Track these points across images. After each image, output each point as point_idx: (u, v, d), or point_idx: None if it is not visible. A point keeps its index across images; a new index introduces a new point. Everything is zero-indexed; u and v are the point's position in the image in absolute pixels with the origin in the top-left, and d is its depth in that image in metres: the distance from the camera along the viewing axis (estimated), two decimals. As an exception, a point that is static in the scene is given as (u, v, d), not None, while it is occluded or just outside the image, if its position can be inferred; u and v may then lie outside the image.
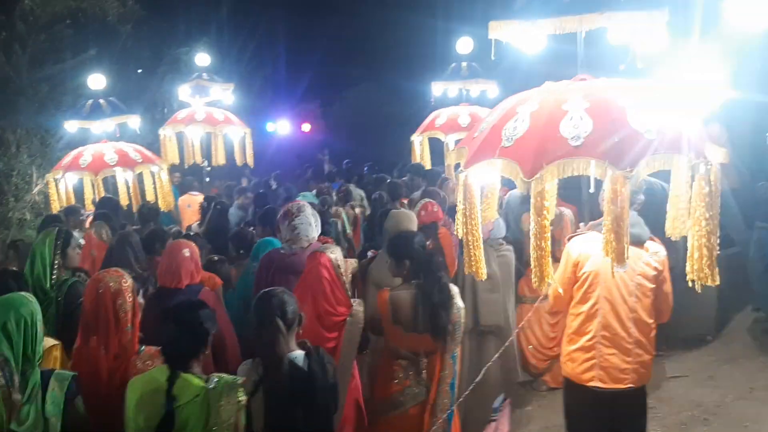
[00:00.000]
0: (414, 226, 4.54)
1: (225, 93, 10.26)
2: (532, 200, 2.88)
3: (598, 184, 3.37)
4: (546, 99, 3.13)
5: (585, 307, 3.57)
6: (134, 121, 8.00)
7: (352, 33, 19.72)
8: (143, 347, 3.15)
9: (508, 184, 5.21)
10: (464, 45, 8.10)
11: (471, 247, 3.26)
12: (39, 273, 3.98)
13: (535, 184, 2.82)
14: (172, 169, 9.57)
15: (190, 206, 8.82)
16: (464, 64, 8.34)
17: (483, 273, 3.30)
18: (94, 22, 11.10)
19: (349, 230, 6.75)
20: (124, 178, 7.12)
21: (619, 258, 2.81)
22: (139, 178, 7.34)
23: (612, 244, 2.79)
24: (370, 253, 4.98)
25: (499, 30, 3.53)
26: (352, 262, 4.12)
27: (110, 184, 7.45)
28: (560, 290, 3.65)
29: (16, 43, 10.29)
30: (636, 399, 3.66)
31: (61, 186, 7.03)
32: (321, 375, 2.80)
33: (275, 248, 4.55)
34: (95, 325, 3.11)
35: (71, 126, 7.82)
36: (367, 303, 3.99)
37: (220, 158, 9.44)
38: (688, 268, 3.03)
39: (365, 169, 12.08)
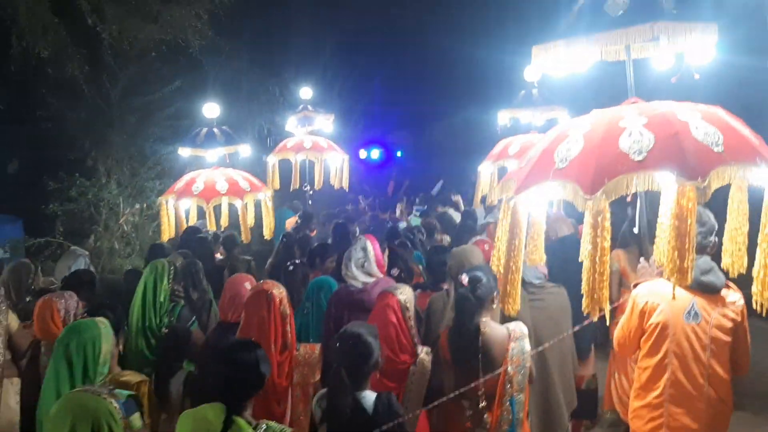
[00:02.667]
0: (477, 261, 4.30)
1: (326, 123, 10.76)
2: (590, 220, 2.79)
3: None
4: (599, 119, 3.07)
5: (653, 361, 3.32)
6: (245, 150, 8.34)
7: (439, 67, 20.50)
8: (300, 344, 3.67)
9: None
10: (532, 72, 8.00)
11: (510, 281, 3.16)
12: (165, 300, 4.28)
13: (595, 201, 2.73)
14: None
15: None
16: (535, 90, 8.21)
17: (514, 310, 3.24)
18: (179, 55, 11.62)
19: None
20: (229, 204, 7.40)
21: (682, 279, 2.70)
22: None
23: (675, 263, 2.69)
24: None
25: (545, 53, 3.46)
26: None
27: (217, 211, 7.71)
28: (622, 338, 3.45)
29: (105, 75, 10.87)
30: None
31: (172, 210, 7.30)
32: (385, 420, 2.72)
33: (344, 285, 4.49)
34: (267, 327, 3.58)
35: (185, 152, 8.14)
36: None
37: (321, 183, 9.87)
38: (754, 290, 2.89)
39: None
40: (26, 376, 4.39)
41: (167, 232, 7.28)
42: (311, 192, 10.37)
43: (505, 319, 3.80)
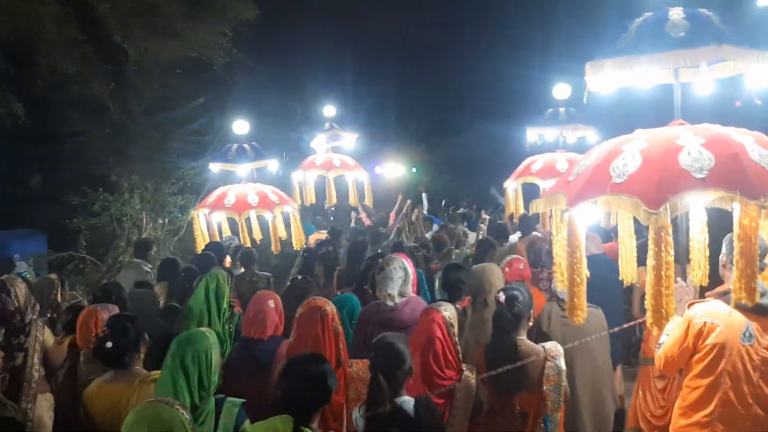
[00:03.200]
0: (497, 279, 4.32)
1: (351, 140, 10.92)
2: (653, 234, 2.80)
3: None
4: (653, 137, 3.10)
5: (706, 381, 3.30)
6: (273, 165, 8.51)
7: (457, 83, 20.59)
8: (351, 361, 3.74)
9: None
10: (561, 90, 8.02)
11: (576, 294, 3.18)
12: (225, 308, 4.38)
13: (660, 216, 2.75)
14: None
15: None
16: (562, 109, 8.23)
17: (581, 317, 3.25)
18: (202, 71, 11.76)
19: None
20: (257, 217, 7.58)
21: (750, 298, 2.69)
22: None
23: (740, 283, 2.68)
24: None
25: (599, 70, 3.43)
26: None
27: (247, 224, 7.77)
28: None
29: (129, 91, 10.96)
30: None
31: (204, 223, 7.55)
32: (428, 421, 2.79)
33: (374, 302, 4.47)
34: (322, 344, 3.60)
35: (215, 167, 8.29)
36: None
37: (357, 200, 10.00)
38: None
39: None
40: (63, 387, 4.39)
41: (203, 245, 7.40)
42: (333, 208, 10.45)
43: (537, 338, 3.82)
